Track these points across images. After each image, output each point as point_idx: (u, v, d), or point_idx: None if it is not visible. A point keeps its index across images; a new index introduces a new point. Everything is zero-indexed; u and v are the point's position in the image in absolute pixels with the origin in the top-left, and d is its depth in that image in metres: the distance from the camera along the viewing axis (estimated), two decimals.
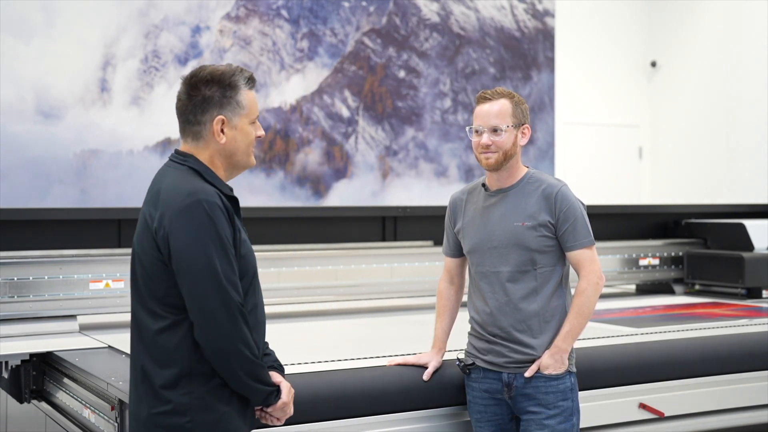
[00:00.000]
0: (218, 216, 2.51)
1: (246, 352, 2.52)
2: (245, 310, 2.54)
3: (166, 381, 2.53)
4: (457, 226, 3.39)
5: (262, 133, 2.74)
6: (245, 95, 2.65)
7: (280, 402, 2.66)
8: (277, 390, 2.65)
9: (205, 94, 2.61)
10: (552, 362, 3.18)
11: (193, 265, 2.48)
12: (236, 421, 2.60)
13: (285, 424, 3.11)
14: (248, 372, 2.54)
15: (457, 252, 3.45)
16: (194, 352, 2.54)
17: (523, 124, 3.29)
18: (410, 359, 3.49)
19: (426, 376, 3.41)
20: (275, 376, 2.69)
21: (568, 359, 3.24)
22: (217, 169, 2.65)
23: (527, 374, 3.19)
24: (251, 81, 2.68)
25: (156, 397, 2.54)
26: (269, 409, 2.68)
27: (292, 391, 2.72)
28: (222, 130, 2.63)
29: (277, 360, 2.79)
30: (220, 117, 2.62)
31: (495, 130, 3.22)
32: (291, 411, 2.72)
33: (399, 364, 3.47)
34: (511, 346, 3.23)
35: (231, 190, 2.69)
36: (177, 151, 2.69)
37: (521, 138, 3.28)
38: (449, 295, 3.49)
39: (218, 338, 2.48)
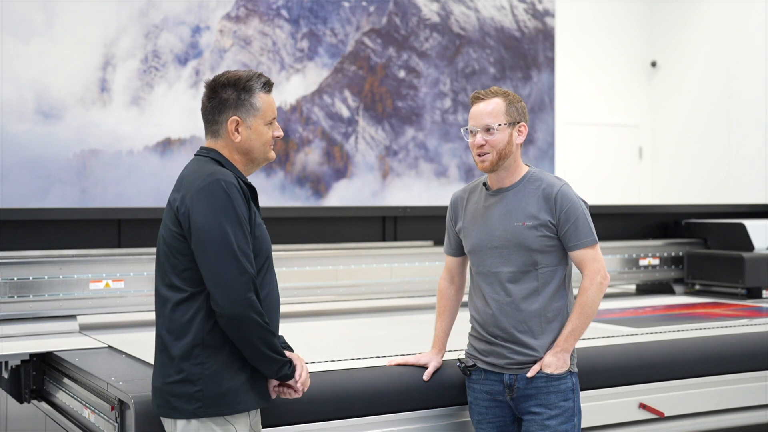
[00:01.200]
0: (235, 194, 2.73)
1: (258, 319, 2.67)
2: (257, 282, 2.72)
3: (181, 351, 2.72)
4: (458, 226, 3.39)
5: (280, 133, 2.97)
6: (260, 98, 2.89)
7: (296, 374, 2.82)
8: (289, 362, 2.80)
9: (222, 96, 2.86)
10: (554, 361, 3.18)
11: (209, 235, 2.68)
12: (245, 396, 2.75)
13: (285, 424, 3.14)
14: (261, 338, 2.69)
15: (458, 251, 3.44)
16: (206, 322, 2.72)
17: (518, 122, 3.25)
18: (410, 359, 3.49)
19: (426, 376, 3.41)
20: (287, 353, 2.85)
21: (570, 359, 3.24)
22: (236, 164, 2.89)
23: (529, 374, 3.18)
24: (267, 85, 2.93)
25: (171, 367, 2.73)
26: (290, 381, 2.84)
27: (306, 366, 2.89)
28: (237, 130, 2.86)
29: (286, 342, 2.98)
30: (235, 117, 2.86)
31: (488, 130, 3.20)
32: (308, 382, 2.89)
33: (399, 364, 3.47)
34: (512, 347, 3.22)
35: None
36: (202, 147, 2.93)
37: (517, 136, 3.24)
38: (450, 294, 3.48)
39: (232, 304, 2.64)
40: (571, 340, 3.20)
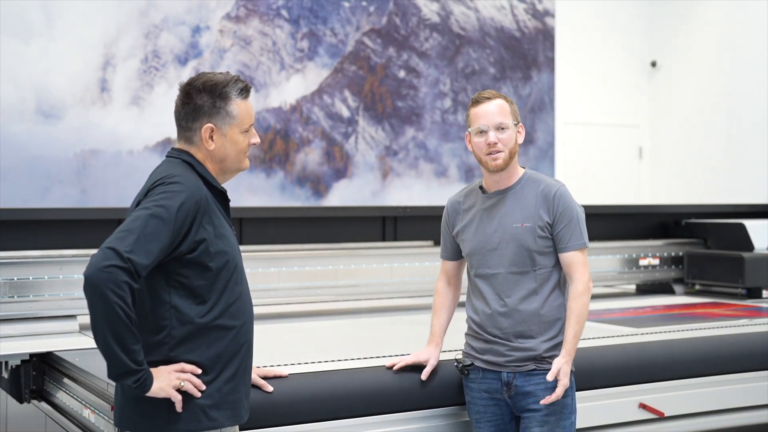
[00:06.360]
0: (185, 203, 2.58)
1: (112, 297, 2.41)
2: (141, 273, 2.49)
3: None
4: (455, 230, 3.40)
5: (257, 140, 2.82)
6: (236, 105, 2.74)
7: (156, 387, 2.54)
8: (138, 372, 2.49)
9: (197, 102, 2.72)
10: (568, 369, 3.18)
11: (131, 214, 2.57)
12: (215, 412, 2.63)
13: (285, 425, 3.13)
14: (109, 322, 2.42)
15: (455, 255, 3.46)
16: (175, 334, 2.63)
17: (518, 124, 3.31)
18: (408, 359, 3.44)
19: (424, 375, 3.38)
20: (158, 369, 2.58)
21: None
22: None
23: (549, 377, 3.14)
24: (245, 91, 2.76)
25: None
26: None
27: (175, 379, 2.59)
28: (211, 137, 2.72)
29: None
30: (209, 125, 2.72)
31: (500, 128, 3.24)
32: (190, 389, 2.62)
33: (401, 368, 3.42)
34: (510, 345, 3.24)
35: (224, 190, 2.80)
36: (173, 148, 2.81)
37: (519, 137, 3.30)
38: (447, 292, 3.49)
39: (90, 266, 2.45)
40: (575, 344, 3.21)
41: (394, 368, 3.42)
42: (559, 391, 3.15)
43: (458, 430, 3.47)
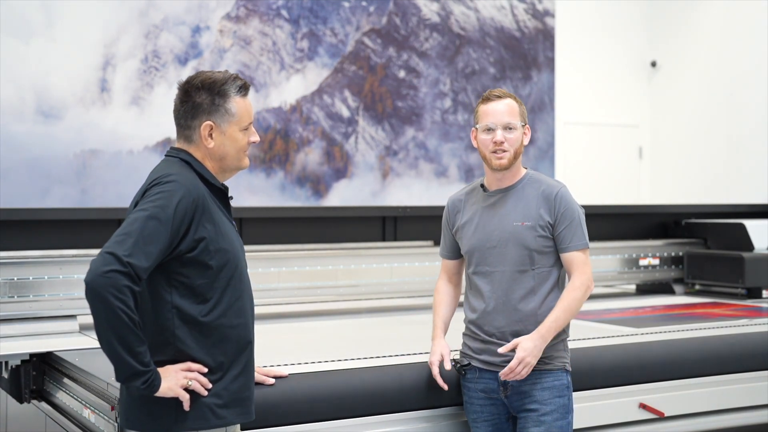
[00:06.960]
0: (182, 202, 2.57)
1: (114, 302, 2.43)
2: (141, 276, 2.50)
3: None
4: (455, 227, 3.40)
5: (256, 138, 2.81)
6: (235, 103, 2.74)
7: (164, 387, 2.55)
8: (145, 373, 2.50)
9: (196, 100, 2.72)
10: (531, 347, 3.14)
11: (129, 217, 2.56)
12: (222, 410, 2.63)
13: (285, 424, 3.13)
14: (113, 327, 2.45)
15: (455, 254, 3.47)
16: (178, 331, 2.63)
17: (525, 125, 3.32)
18: (436, 368, 3.35)
19: (447, 366, 3.32)
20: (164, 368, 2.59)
21: (563, 358, 3.26)
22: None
23: (501, 350, 3.16)
24: (244, 89, 2.76)
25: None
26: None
27: (183, 378, 2.60)
28: (210, 135, 2.72)
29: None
30: (208, 123, 2.72)
31: (508, 128, 3.24)
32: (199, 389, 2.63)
33: (440, 377, 3.35)
34: (506, 344, 3.23)
35: (226, 188, 2.79)
36: (172, 147, 2.81)
37: (525, 138, 3.31)
38: (447, 290, 3.50)
39: (90, 271, 2.46)
40: (552, 330, 3.17)
41: (445, 387, 3.35)
42: (512, 364, 3.12)
43: (457, 430, 3.47)
